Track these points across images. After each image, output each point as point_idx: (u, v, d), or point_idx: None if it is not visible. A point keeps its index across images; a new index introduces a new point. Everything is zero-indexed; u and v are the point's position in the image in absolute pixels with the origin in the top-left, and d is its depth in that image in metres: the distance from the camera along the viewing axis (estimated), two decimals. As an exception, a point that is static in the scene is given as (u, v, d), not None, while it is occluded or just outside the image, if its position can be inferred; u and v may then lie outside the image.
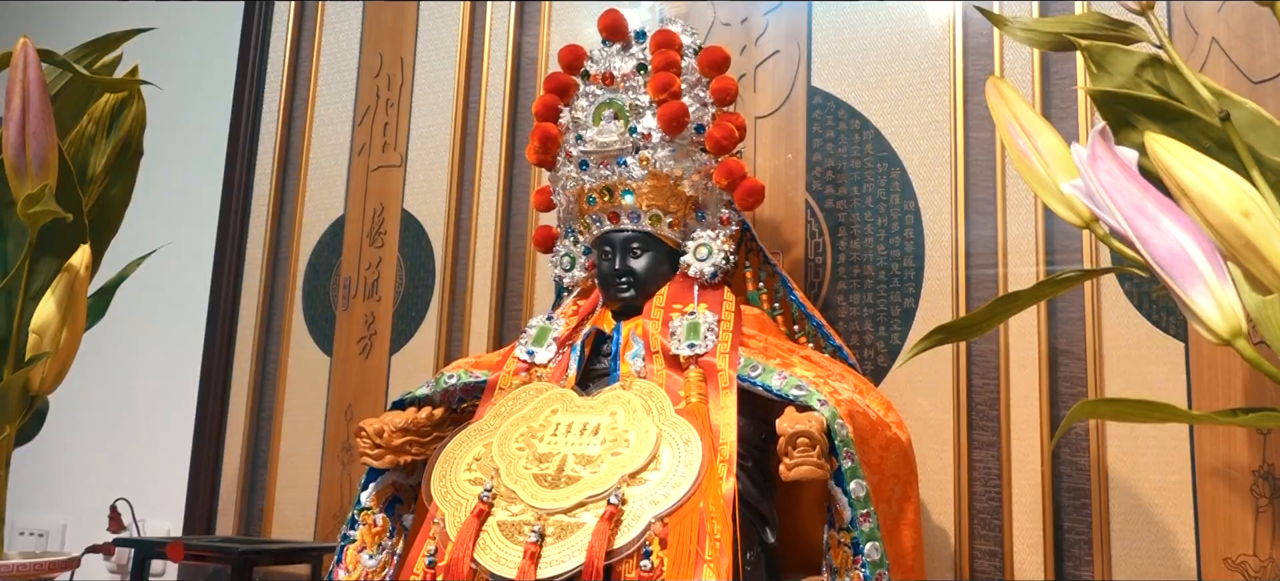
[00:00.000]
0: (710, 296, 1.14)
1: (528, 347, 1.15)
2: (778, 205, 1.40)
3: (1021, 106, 0.74)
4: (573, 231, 1.26)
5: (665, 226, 1.17)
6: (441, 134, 1.66)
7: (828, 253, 1.36)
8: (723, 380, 1.02)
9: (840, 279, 1.35)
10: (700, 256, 1.16)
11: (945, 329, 0.73)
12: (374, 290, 1.68)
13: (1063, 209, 0.70)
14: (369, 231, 1.70)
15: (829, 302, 1.34)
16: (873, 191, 1.35)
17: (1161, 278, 0.61)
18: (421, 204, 1.67)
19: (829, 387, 1.00)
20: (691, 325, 1.08)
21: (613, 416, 0.99)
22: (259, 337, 1.74)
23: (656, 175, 1.15)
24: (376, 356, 1.65)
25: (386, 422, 1.10)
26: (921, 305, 1.29)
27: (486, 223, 1.59)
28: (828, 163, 1.39)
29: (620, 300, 1.17)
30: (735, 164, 1.16)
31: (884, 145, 1.36)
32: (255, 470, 1.69)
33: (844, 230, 1.36)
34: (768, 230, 1.39)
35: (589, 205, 1.18)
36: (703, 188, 1.18)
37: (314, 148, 1.77)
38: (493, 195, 1.60)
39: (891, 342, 1.31)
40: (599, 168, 1.16)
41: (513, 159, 1.60)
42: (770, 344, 1.10)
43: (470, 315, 1.57)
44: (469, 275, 1.59)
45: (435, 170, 1.66)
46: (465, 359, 1.25)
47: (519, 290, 1.55)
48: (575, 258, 1.24)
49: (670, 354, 1.07)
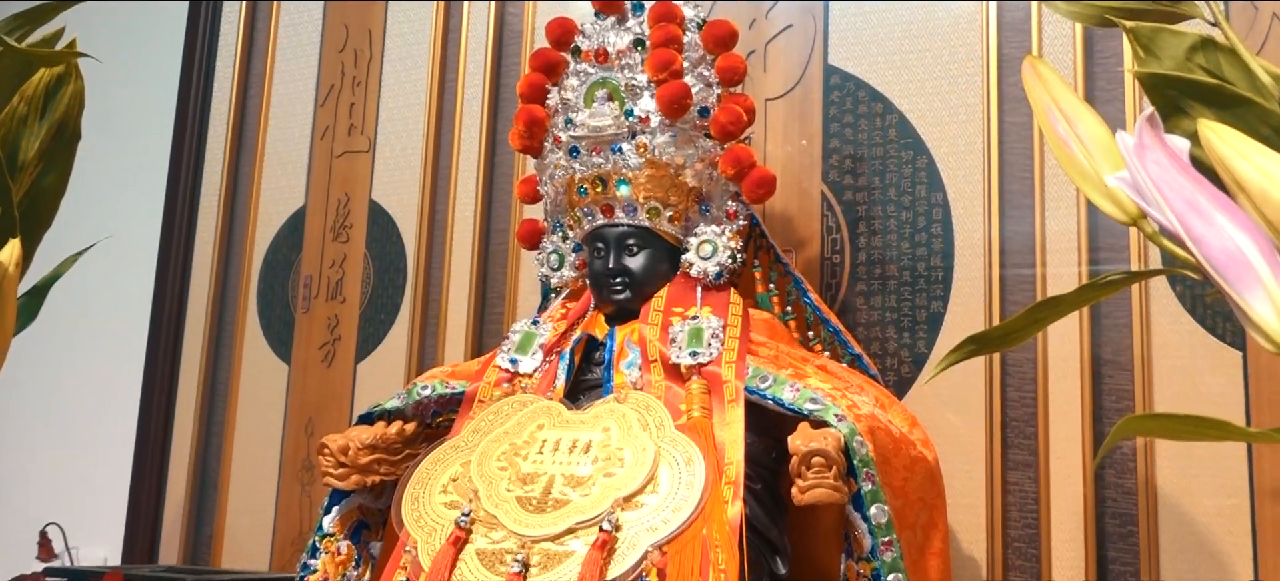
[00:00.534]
0: (715, 299, 1.14)
1: (510, 356, 1.15)
2: (790, 197, 1.40)
3: (1062, 89, 0.74)
4: (561, 226, 1.26)
5: (665, 221, 1.17)
6: (414, 116, 1.66)
7: (846, 251, 1.36)
8: (729, 392, 1.02)
9: (860, 280, 1.36)
10: (704, 254, 1.16)
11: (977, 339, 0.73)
12: (338, 290, 1.68)
13: (1107, 204, 0.70)
14: (333, 224, 1.70)
15: (847, 306, 1.35)
16: (896, 182, 1.35)
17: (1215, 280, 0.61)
18: (391, 194, 1.66)
19: (847, 401, 1.01)
20: (694, 331, 1.08)
21: (606, 432, 0.99)
22: (208, 343, 1.74)
23: (655, 163, 1.15)
24: (340, 364, 1.65)
25: (352, 439, 1.10)
26: (950, 309, 1.30)
27: (465, 216, 1.59)
28: (846, 150, 1.39)
29: (614, 303, 1.17)
30: (743, 151, 1.16)
31: (909, 131, 1.36)
32: (203, 491, 1.69)
33: (864, 225, 1.36)
34: (779, 225, 1.40)
35: (580, 196, 1.18)
36: (707, 178, 1.18)
37: (271, 131, 1.77)
38: (471, 185, 1.60)
39: (917, 351, 1.31)
40: (591, 155, 1.16)
41: (494, 145, 1.60)
42: (781, 352, 1.11)
43: (446, 319, 1.57)
44: (445, 274, 1.59)
45: (407, 156, 1.66)
46: (441, 368, 1.24)
47: (501, 291, 1.55)
48: (564, 255, 1.24)
49: (670, 363, 1.07)
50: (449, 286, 1.58)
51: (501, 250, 1.56)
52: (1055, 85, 0.75)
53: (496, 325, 1.54)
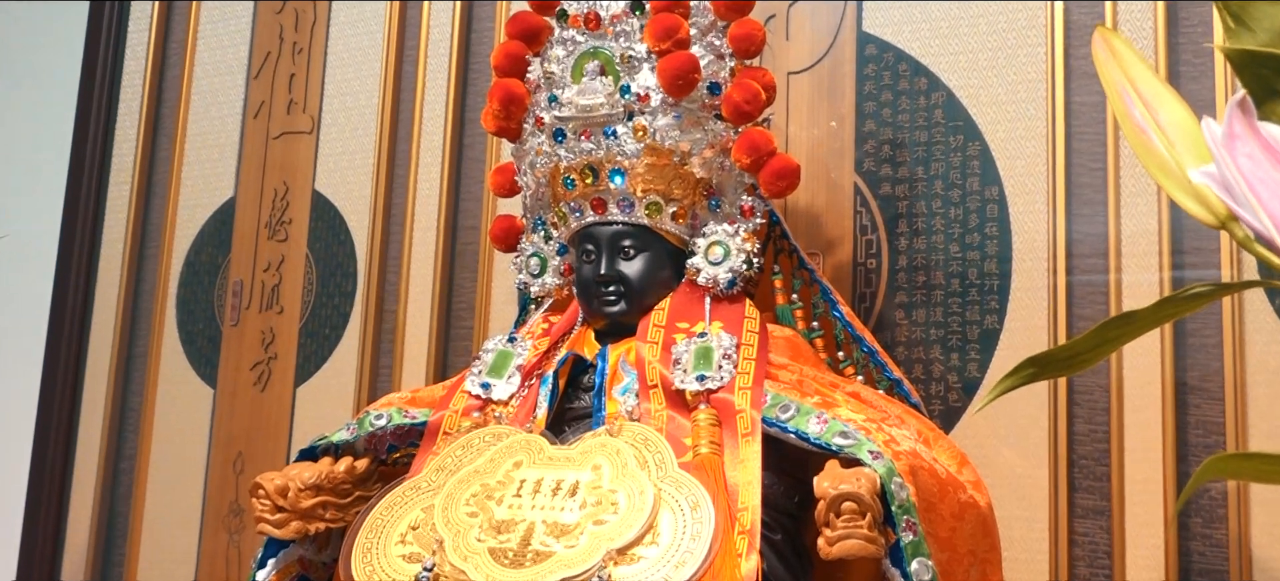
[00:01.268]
0: (727, 312, 1.15)
1: (482, 379, 1.15)
2: (817, 190, 1.40)
3: (1139, 67, 0.75)
4: (543, 224, 1.26)
5: (667, 218, 1.17)
6: (367, 90, 1.66)
7: (883, 254, 1.37)
8: (743, 424, 1.03)
9: (899, 289, 1.36)
10: (713, 258, 1.16)
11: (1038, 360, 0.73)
12: (274, 299, 1.68)
13: (1191, 202, 0.71)
14: (268, 220, 1.71)
15: (885, 321, 1.35)
16: (943, 173, 1.36)
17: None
18: (339, 183, 1.66)
19: (884, 435, 1.01)
20: (701, 351, 1.09)
21: (596, 471, 1.00)
22: (117, 361, 1.74)
23: (656, 150, 1.15)
24: (277, 388, 1.65)
25: (292, 478, 1.10)
26: (1007, 325, 1.30)
27: (427, 210, 1.59)
28: (884, 134, 1.40)
29: (606, 316, 1.17)
30: (761, 136, 1.17)
31: (958, 111, 1.37)
32: (110, 538, 1.69)
33: (905, 224, 1.37)
34: (804, 224, 1.40)
35: (566, 189, 1.18)
36: (717, 167, 1.19)
37: (194, 107, 1.77)
38: (435, 174, 1.59)
39: (967, 375, 1.32)
40: (580, 139, 1.16)
41: (463, 126, 1.60)
42: (806, 376, 1.11)
43: (404, 334, 1.57)
44: (403, 280, 1.59)
45: (358, 138, 1.66)
46: (398, 393, 1.25)
47: (470, 301, 1.55)
48: (546, 259, 1.25)
49: (673, 389, 1.07)
50: (408, 295, 1.58)
51: (471, 252, 1.56)
52: (1131, 62, 0.76)
53: (465, 342, 1.54)
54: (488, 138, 1.57)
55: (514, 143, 1.26)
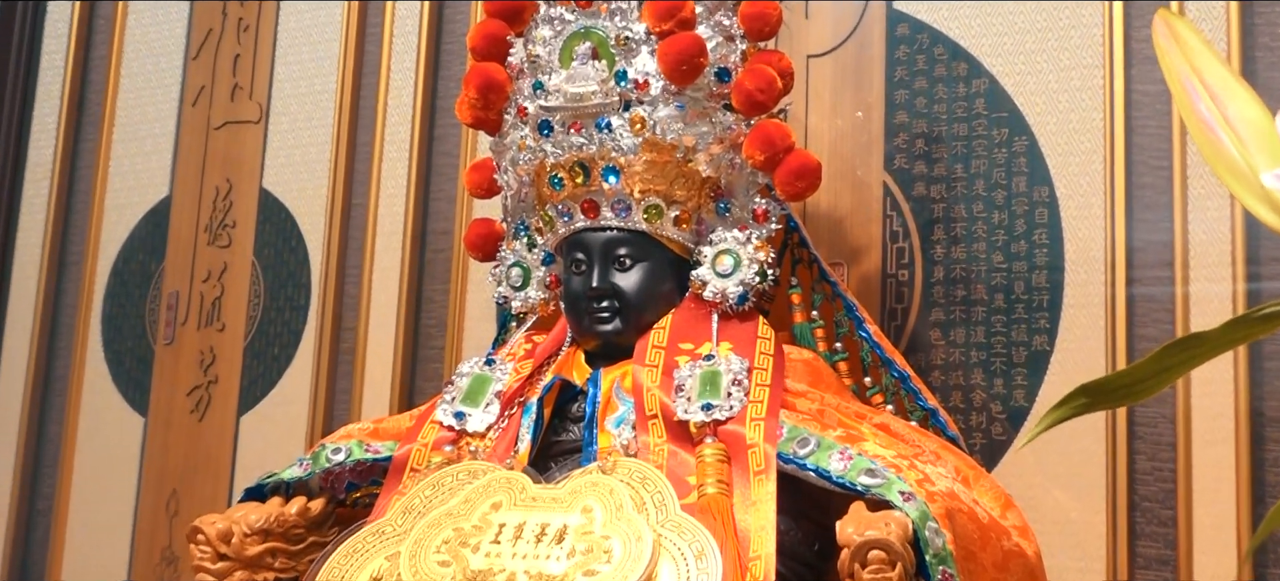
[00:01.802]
0: (737, 331, 1.15)
1: (456, 408, 1.15)
2: (841, 192, 1.40)
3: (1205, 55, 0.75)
4: (526, 229, 1.26)
5: (669, 223, 1.17)
6: (323, 74, 1.66)
7: (917, 264, 1.37)
8: (756, 460, 1.03)
9: (935, 305, 1.36)
10: (722, 269, 1.16)
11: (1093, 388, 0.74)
12: (215, 314, 1.68)
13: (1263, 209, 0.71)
14: (209, 223, 1.70)
15: (918, 341, 1.35)
16: (985, 171, 1.36)
17: None
18: (290, 181, 1.66)
19: (917, 474, 1.01)
20: (708, 376, 1.09)
21: (586, 514, 0.99)
22: (32, 385, 1.73)
23: (656, 145, 1.15)
24: (218, 416, 1.65)
25: (237, 522, 1.10)
26: (1059, 347, 1.30)
27: (392, 212, 1.59)
28: (917, 127, 1.39)
29: (599, 335, 1.17)
30: (776, 129, 1.17)
31: (1002, 100, 1.36)
32: (25, 591, 1.71)
33: (941, 229, 1.36)
34: (826, 230, 1.40)
35: (553, 189, 1.18)
36: (726, 165, 1.19)
37: (123, 93, 1.77)
38: (401, 170, 1.59)
39: (1012, 404, 1.32)
40: (569, 133, 1.16)
41: (433, 115, 1.60)
42: (828, 405, 1.11)
43: (365, 354, 1.57)
44: (364, 292, 1.58)
45: (313, 129, 1.66)
46: (359, 424, 1.24)
47: (441, 317, 1.55)
48: (530, 270, 1.24)
49: (675, 420, 1.07)
50: (369, 310, 1.57)
51: (443, 261, 1.56)
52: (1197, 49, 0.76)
53: (436, 365, 1.54)
54: (463, 130, 1.56)
55: (493, 136, 1.26)
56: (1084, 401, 0.74)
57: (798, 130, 1.40)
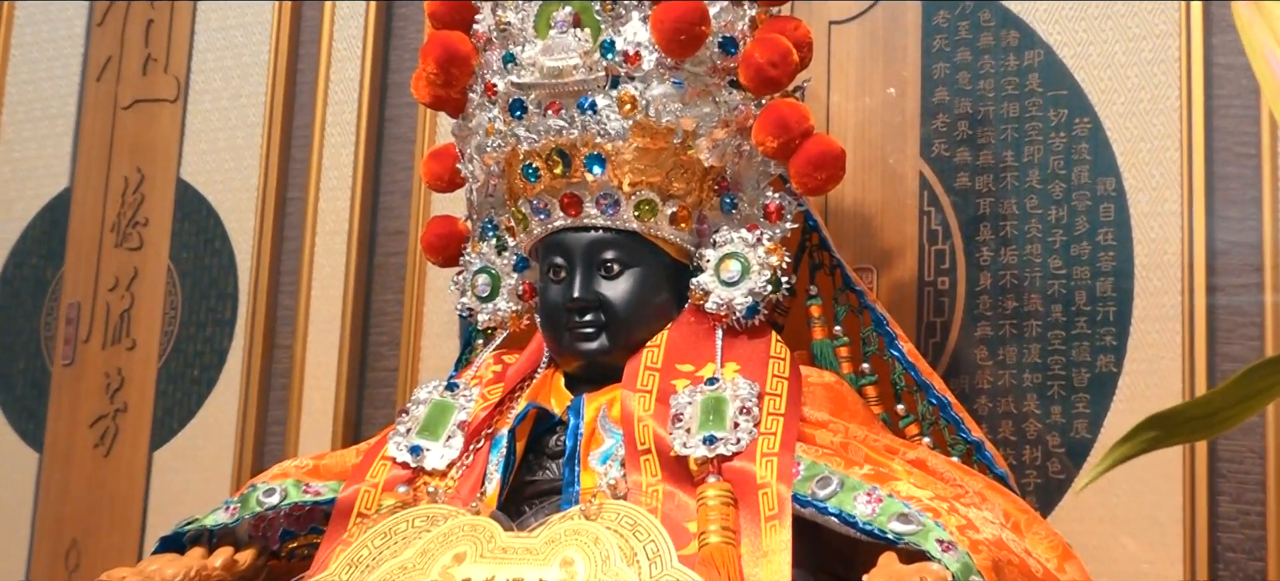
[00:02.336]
0: (746, 350, 1.14)
1: (412, 441, 1.15)
2: (869, 183, 1.40)
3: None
4: (495, 229, 1.26)
5: (665, 222, 1.17)
6: (253, 44, 1.65)
7: (959, 270, 1.36)
8: (768, 503, 1.02)
9: (981, 319, 1.35)
10: (727, 277, 1.16)
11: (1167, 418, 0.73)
12: (124, 329, 1.67)
13: None
14: (116, 221, 1.69)
15: (960, 362, 1.34)
16: (1040, 159, 1.35)
17: None
18: (214, 170, 1.65)
19: (959, 518, 1.01)
20: (711, 403, 1.08)
21: (566, 569, 0.98)
22: (-94, 414, 1.73)
23: (650, 129, 1.15)
24: (127, 451, 1.63)
25: (150, 577, 1.08)
26: (1127, 368, 1.30)
27: (334, 208, 1.58)
28: (960, 107, 1.39)
29: (581, 354, 1.17)
30: (791, 110, 1.16)
31: (1060, 75, 1.36)
32: (-105, 661, 1.67)
33: (988, 229, 1.36)
34: (851, 229, 1.39)
35: (528, 181, 1.18)
36: (733, 152, 1.18)
37: (13, 66, 1.76)
38: (346, 158, 1.58)
39: (1073, 436, 1.31)
40: (546, 115, 1.16)
41: (384, 92, 1.60)
42: (853, 437, 1.11)
43: (303, 377, 1.56)
44: (301, 304, 1.58)
45: (240, 109, 1.65)
46: (296, 461, 1.24)
47: (393, 334, 1.54)
48: (499, 276, 1.24)
49: (672, 455, 1.07)
50: (308, 324, 1.57)
51: (396, 266, 1.55)
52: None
53: (386, 390, 1.53)
54: (420, 111, 1.56)
55: (456, 118, 1.25)
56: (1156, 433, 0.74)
57: (817, 111, 1.39)
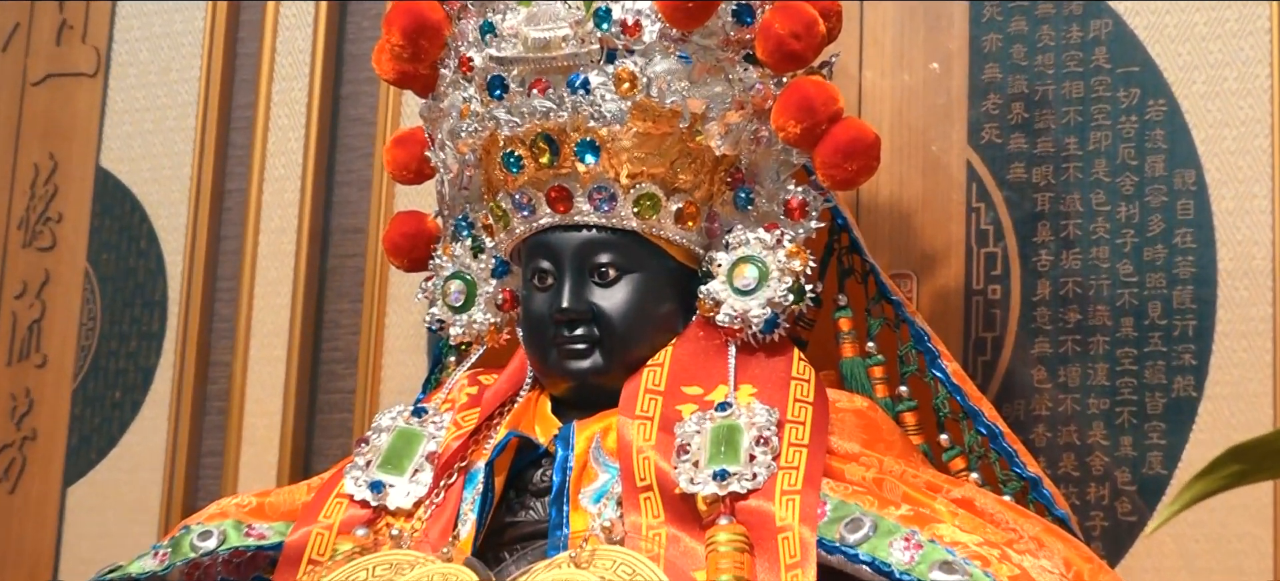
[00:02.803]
0: (763, 370, 1.15)
1: (373, 476, 1.15)
2: (909, 175, 1.39)
3: None
4: (469, 228, 1.27)
5: (669, 220, 1.17)
6: (185, 12, 1.65)
7: (1013, 277, 1.36)
8: (788, 550, 1.02)
9: (1039, 334, 1.35)
10: (743, 284, 1.16)
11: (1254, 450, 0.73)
12: (33, 343, 1.67)
13: None
14: (24, 216, 1.69)
15: (1014, 385, 1.34)
16: (1108, 147, 1.36)
17: None
18: (140, 158, 1.66)
19: (1012, 568, 1.01)
20: (723, 432, 1.08)
21: None
22: None
23: (651, 111, 1.15)
24: (36, 486, 1.63)
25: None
26: (1209, 392, 1.30)
27: (281, 202, 1.59)
28: (1014, 85, 1.39)
29: (572, 375, 1.17)
30: (817, 89, 1.16)
31: (1131, 48, 1.36)
32: None
33: (1047, 228, 1.36)
34: (888, 228, 1.39)
35: (509, 172, 1.18)
36: (749, 139, 1.18)
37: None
38: (295, 143, 1.59)
39: (1145, 471, 1.31)
40: (531, 95, 1.15)
41: (339, 67, 1.60)
42: (889, 473, 1.11)
43: (243, 401, 1.56)
44: (241, 314, 1.58)
45: (170, 86, 1.65)
46: (236, 498, 1.23)
47: (350, 349, 1.55)
48: (475, 283, 1.25)
49: (677, 492, 1.06)
50: (249, 339, 1.57)
51: (353, 270, 1.56)
52: None
53: (342, 416, 1.53)
54: (382, 89, 1.56)
55: (424, 98, 1.25)
56: (1242, 467, 0.74)
57: (848, 90, 1.38)
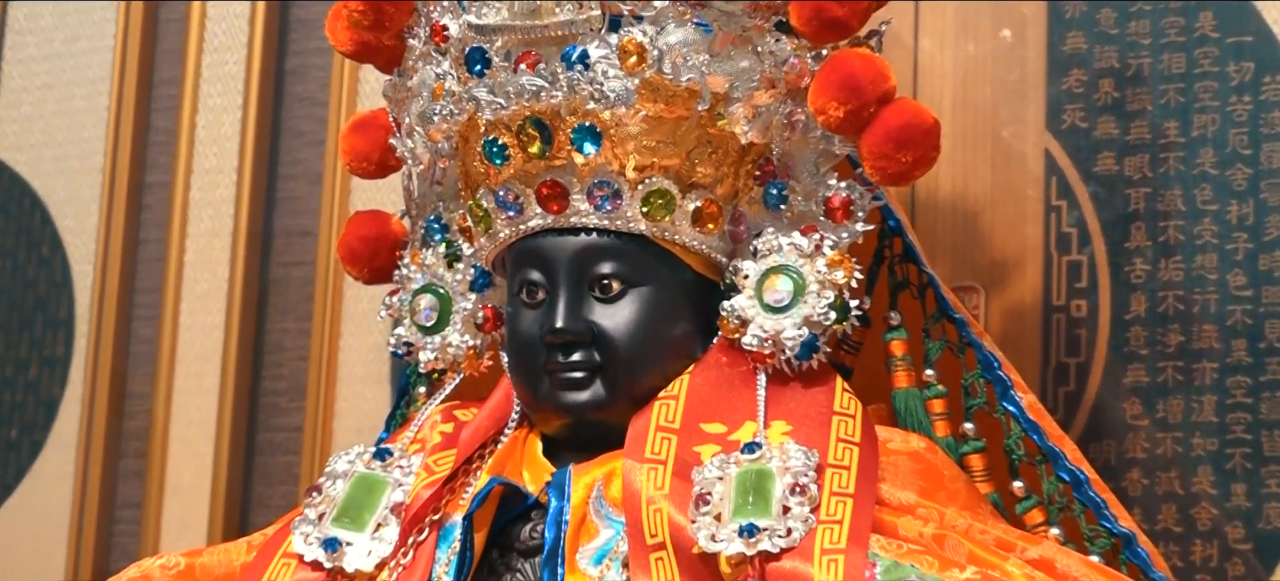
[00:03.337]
0: (800, 403, 1.15)
1: (326, 531, 1.16)
2: (976, 166, 1.41)
3: None
4: (444, 230, 1.28)
5: (685, 221, 1.18)
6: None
7: (1102, 290, 1.36)
8: (830, 620, 1.02)
9: (1132, 359, 1.36)
10: (775, 299, 1.17)
11: None
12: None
13: None
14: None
15: (1105, 421, 1.35)
16: (1216, 133, 1.36)
17: None
18: (41, 147, 1.68)
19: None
20: (751, 478, 1.08)
21: None
22: None
23: (664, 91, 1.16)
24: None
25: None
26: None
27: (212, 198, 1.60)
28: (1102, 58, 1.39)
29: (567, 409, 1.18)
30: (864, 64, 1.16)
31: (1243, 16, 1.37)
32: None
33: (1142, 231, 1.36)
34: (949, 232, 1.41)
35: (492, 164, 1.19)
36: (782, 124, 1.19)
37: None
38: (229, 127, 1.60)
39: (1261, 526, 1.31)
40: (518, 71, 1.16)
41: (284, 33, 1.62)
42: (951, 527, 1.11)
43: (166, 441, 1.57)
44: (165, 336, 1.59)
45: (77, 57, 1.67)
46: (161, 559, 1.24)
47: (298, 378, 1.56)
48: (449, 297, 1.26)
49: (695, 551, 1.07)
50: (174, 365, 1.58)
51: (301, 281, 1.57)
52: None
53: (287, 459, 1.54)
54: (337, 62, 1.57)
55: (389, 74, 1.27)
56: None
57: (901, 65, 1.39)
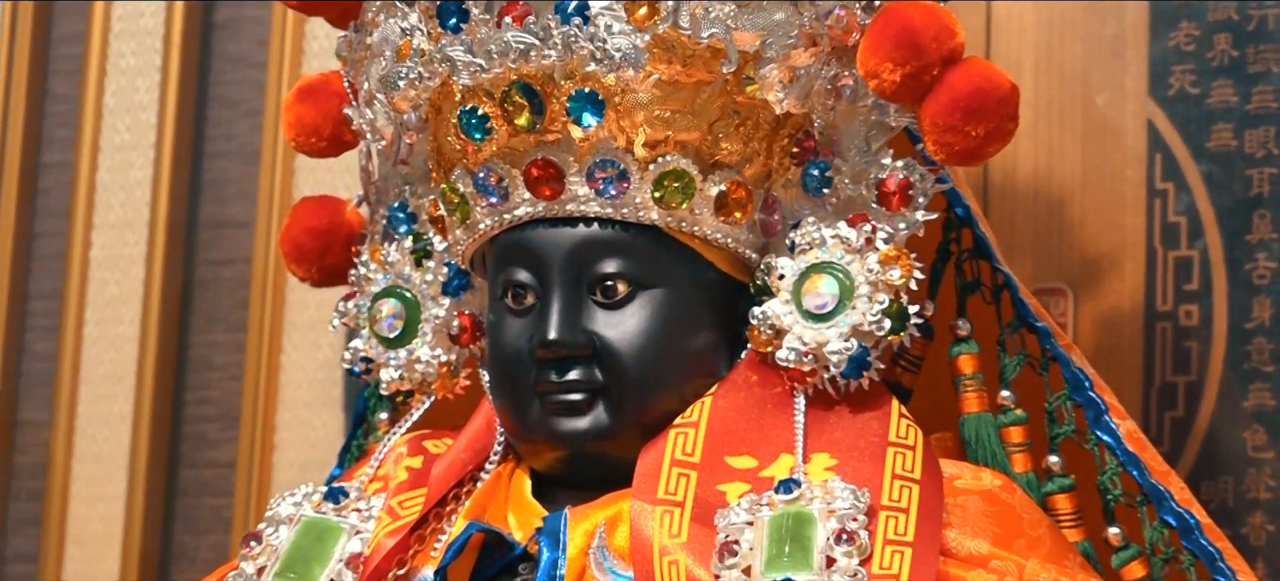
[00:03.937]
0: (848, 431, 1.17)
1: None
2: (1061, 142, 1.42)
3: None
4: (409, 221, 1.30)
5: (707, 209, 1.19)
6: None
7: (1217, 294, 1.37)
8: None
9: (1253, 377, 1.36)
10: (817, 304, 1.18)
11: None
12: None
13: None
14: None
15: (1221, 454, 1.35)
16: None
17: None
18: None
19: None
20: (787, 523, 1.09)
21: None
22: None
23: (680, 49, 1.17)
24: None
25: None
26: None
27: (124, 181, 1.63)
28: (1216, 11, 1.40)
29: (562, 439, 1.19)
30: (925, 17, 1.17)
31: None
32: None
33: (1266, 221, 1.38)
34: (1028, 222, 1.42)
35: (470, 139, 1.20)
36: (824, 91, 1.20)
37: None
38: (144, 94, 1.62)
39: None
40: (503, 27, 1.17)
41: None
42: (1033, 579, 1.12)
43: (67, 479, 1.59)
44: (65, 352, 1.62)
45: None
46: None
47: (231, 402, 1.58)
48: (418, 302, 1.28)
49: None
50: (77, 387, 1.60)
51: (231, 283, 1.58)
52: None
53: (218, 502, 1.55)
54: (277, 13, 1.59)
55: (343, 28, 1.28)
56: None
57: (971, 18, 1.41)
